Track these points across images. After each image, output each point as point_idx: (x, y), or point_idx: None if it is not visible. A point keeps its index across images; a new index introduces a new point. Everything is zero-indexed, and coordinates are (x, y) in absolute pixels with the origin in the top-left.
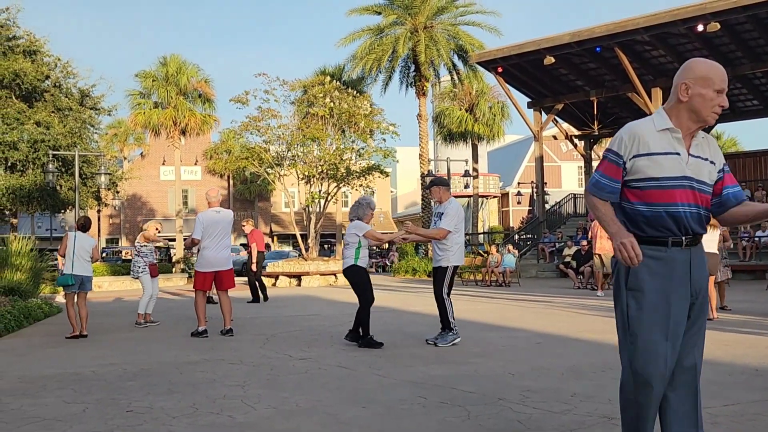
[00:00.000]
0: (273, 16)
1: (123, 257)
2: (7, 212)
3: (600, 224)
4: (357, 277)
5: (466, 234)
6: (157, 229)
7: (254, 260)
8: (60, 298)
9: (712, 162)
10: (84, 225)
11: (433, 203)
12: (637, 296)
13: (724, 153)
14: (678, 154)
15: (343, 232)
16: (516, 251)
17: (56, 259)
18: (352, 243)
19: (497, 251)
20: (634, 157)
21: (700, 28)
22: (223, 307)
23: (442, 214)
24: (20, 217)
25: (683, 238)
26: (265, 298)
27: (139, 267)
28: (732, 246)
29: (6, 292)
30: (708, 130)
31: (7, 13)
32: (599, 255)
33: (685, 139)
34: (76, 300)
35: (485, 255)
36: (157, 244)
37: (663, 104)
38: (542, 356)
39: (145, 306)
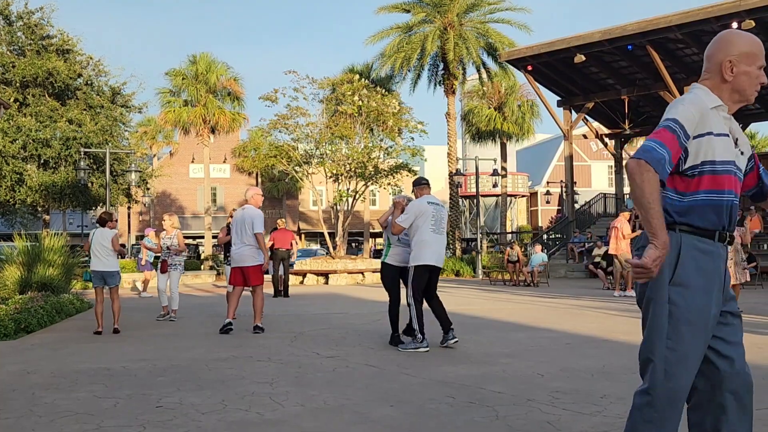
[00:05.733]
0: (302, 13)
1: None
2: (39, 209)
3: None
4: (381, 273)
5: (494, 233)
6: (163, 221)
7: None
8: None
9: (743, 144)
10: (100, 220)
11: None
12: (683, 293)
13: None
14: (728, 135)
15: (371, 230)
16: (519, 247)
17: (86, 256)
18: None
19: (518, 248)
20: (697, 136)
21: (735, 25)
22: (255, 303)
23: None
24: (52, 213)
25: (727, 232)
26: (276, 293)
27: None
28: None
29: (39, 287)
30: (743, 128)
31: (42, 13)
32: (615, 255)
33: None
34: (107, 295)
35: (500, 255)
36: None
37: (696, 81)
38: (572, 357)
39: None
